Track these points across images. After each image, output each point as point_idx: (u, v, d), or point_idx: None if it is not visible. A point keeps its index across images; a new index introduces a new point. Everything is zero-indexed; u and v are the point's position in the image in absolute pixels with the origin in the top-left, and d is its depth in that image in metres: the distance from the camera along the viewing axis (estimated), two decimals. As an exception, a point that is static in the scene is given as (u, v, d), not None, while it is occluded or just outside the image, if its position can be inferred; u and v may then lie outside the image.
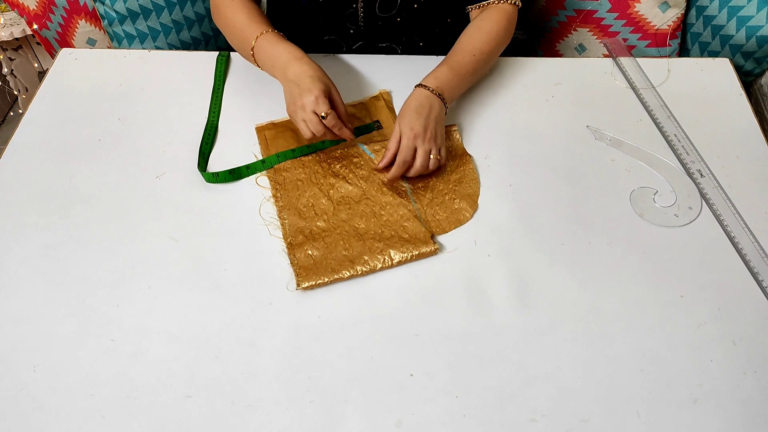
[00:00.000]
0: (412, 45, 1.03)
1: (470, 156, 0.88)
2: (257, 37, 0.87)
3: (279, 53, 0.85)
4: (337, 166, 0.86)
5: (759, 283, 0.74)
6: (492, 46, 0.92)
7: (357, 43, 1.02)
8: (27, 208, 0.82)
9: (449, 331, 0.71)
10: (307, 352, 0.69)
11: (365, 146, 0.88)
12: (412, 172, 0.82)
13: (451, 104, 0.88)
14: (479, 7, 0.96)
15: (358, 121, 0.92)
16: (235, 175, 0.85)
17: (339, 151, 0.88)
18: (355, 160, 0.87)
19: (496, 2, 0.94)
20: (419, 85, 0.86)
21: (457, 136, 0.89)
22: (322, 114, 0.79)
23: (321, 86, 0.80)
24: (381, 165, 0.83)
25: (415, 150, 0.81)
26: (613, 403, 0.66)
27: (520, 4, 0.95)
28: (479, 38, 0.92)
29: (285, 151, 0.87)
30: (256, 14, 0.91)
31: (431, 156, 0.82)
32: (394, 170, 0.82)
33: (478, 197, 0.83)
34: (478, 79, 0.94)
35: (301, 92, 0.80)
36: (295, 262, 0.76)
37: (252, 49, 0.87)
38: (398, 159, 0.81)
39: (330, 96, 0.81)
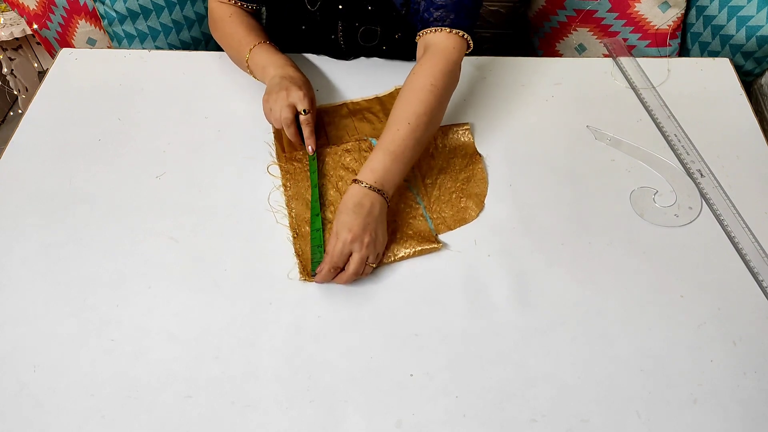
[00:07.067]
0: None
1: (481, 156, 0.88)
2: (253, 47, 0.91)
3: (274, 60, 0.90)
4: (347, 159, 0.86)
5: (759, 283, 0.74)
6: (430, 103, 0.80)
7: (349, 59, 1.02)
8: (27, 208, 0.82)
9: (449, 331, 0.71)
10: (307, 352, 0.69)
11: (376, 141, 0.87)
12: (340, 280, 0.73)
13: (393, 191, 0.77)
14: (425, 33, 0.84)
15: (372, 115, 0.93)
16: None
17: (350, 144, 0.88)
18: (365, 154, 0.87)
19: (443, 30, 0.82)
20: (356, 181, 0.75)
21: (469, 135, 0.89)
22: (303, 110, 0.84)
23: (311, 92, 0.86)
24: (320, 272, 0.73)
25: (350, 255, 0.72)
26: (613, 403, 0.65)
27: (472, 45, 0.84)
28: (413, 101, 0.79)
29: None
30: (254, 27, 0.95)
31: (367, 263, 0.73)
32: (320, 277, 0.73)
33: (485, 197, 0.83)
34: (423, 147, 0.82)
35: (290, 86, 0.85)
36: (300, 252, 0.77)
37: (247, 60, 0.92)
38: (326, 264, 0.72)
39: (311, 105, 0.86)
